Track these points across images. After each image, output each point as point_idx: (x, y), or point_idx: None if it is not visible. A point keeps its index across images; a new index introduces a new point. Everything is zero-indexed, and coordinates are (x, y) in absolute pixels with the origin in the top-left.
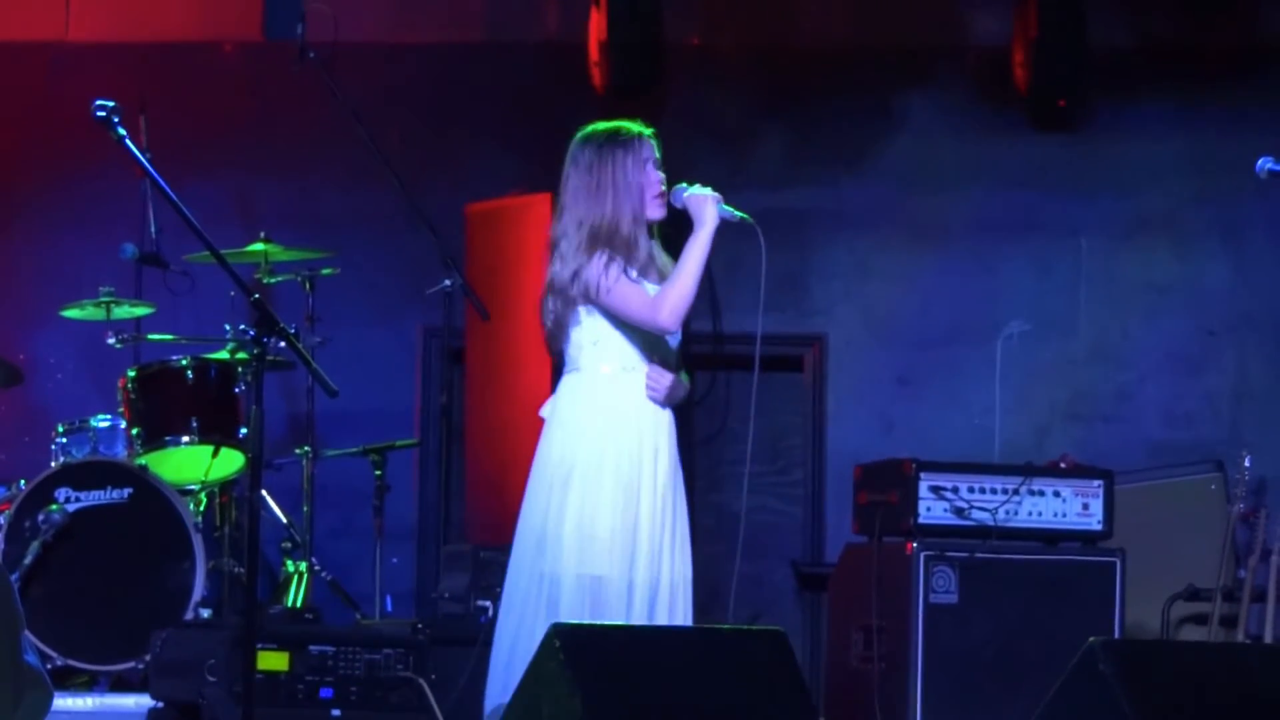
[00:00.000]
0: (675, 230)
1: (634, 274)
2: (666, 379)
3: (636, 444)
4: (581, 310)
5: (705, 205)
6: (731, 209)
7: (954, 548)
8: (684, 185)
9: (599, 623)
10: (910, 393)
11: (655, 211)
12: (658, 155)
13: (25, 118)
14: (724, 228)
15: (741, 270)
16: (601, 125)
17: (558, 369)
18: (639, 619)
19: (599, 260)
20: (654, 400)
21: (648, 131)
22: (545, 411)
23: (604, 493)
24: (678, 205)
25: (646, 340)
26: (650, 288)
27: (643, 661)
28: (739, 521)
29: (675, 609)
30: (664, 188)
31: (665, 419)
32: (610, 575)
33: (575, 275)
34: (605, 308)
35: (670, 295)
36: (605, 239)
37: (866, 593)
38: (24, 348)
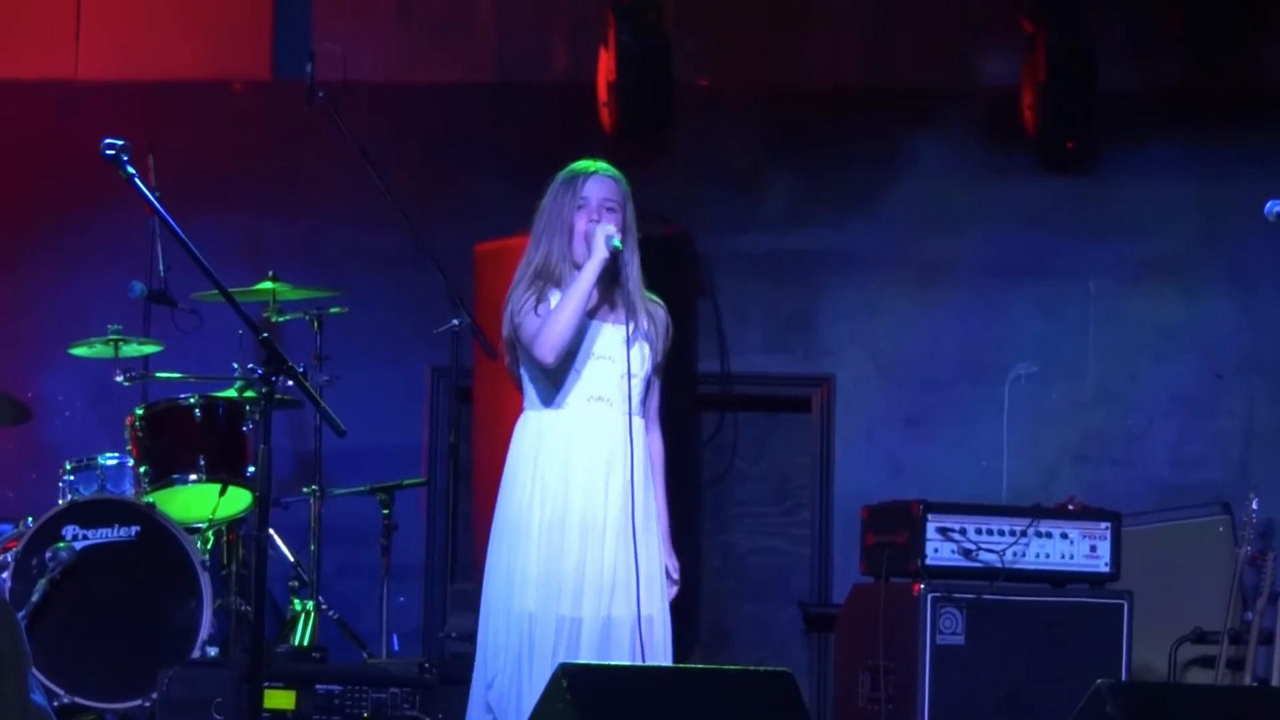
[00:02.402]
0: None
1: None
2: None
3: (563, 483)
4: (518, 348)
5: (597, 238)
6: (613, 239)
7: (961, 589)
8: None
9: (607, 663)
10: (918, 434)
11: (581, 249)
12: (614, 195)
13: (34, 156)
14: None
15: (749, 311)
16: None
17: None
18: (589, 656)
19: (516, 295)
20: None
21: (600, 169)
22: None
23: (532, 532)
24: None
25: (576, 378)
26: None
27: (650, 702)
28: (745, 562)
29: (646, 647)
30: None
31: (614, 458)
32: (541, 612)
33: (505, 308)
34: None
35: (545, 328)
36: (535, 275)
37: (873, 634)
38: (32, 385)
